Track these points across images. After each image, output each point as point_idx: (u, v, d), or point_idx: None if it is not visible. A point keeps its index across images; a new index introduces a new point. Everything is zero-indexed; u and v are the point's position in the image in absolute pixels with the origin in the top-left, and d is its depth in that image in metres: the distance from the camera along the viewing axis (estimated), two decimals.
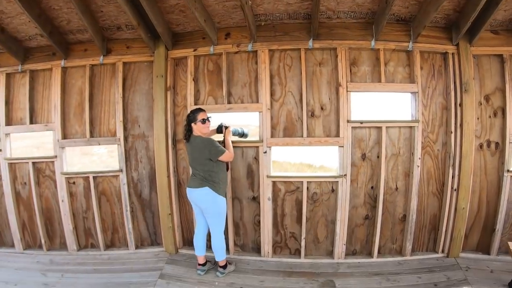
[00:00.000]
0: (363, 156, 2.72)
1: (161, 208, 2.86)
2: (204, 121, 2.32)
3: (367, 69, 2.74)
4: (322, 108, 2.70)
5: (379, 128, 2.67)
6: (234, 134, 2.53)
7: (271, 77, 2.68)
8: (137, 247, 3.06)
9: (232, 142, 2.57)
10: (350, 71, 2.69)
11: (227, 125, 2.51)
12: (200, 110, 2.36)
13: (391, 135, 2.71)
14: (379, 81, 2.68)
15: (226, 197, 2.46)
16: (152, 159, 2.90)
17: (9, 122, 3.09)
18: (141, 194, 3.01)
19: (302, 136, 2.64)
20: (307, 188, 2.70)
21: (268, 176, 2.66)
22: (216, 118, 2.60)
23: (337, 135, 2.66)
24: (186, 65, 2.78)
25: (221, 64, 2.73)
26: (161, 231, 2.95)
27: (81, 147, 3.01)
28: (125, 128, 2.89)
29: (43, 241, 3.10)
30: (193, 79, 2.74)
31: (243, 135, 2.60)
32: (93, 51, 2.89)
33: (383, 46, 2.64)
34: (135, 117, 2.93)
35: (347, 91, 2.65)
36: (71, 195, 3.04)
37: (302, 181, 2.68)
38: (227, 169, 2.49)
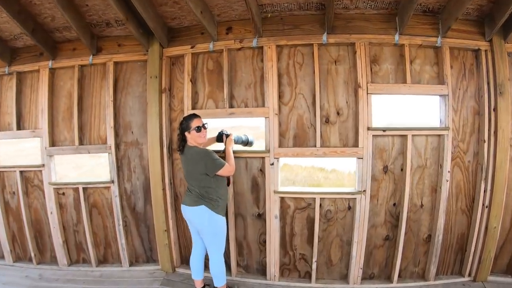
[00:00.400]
0: (385, 169, 2.35)
1: (156, 224, 2.57)
2: (199, 129, 2.01)
3: (390, 68, 2.36)
4: (338, 113, 2.33)
5: (404, 136, 2.30)
6: (237, 142, 2.22)
7: (279, 76, 2.33)
8: (131, 264, 2.79)
9: (235, 152, 2.25)
10: (371, 69, 2.31)
11: (228, 132, 2.20)
12: (195, 116, 2.05)
13: (417, 144, 2.33)
14: (404, 81, 2.31)
15: (226, 215, 2.14)
16: (146, 169, 2.61)
17: None
18: (135, 207, 2.73)
19: (315, 146, 2.28)
20: (320, 205, 2.35)
21: (275, 192, 2.32)
22: (216, 125, 2.29)
23: (356, 144, 2.29)
24: (183, 64, 2.47)
25: (222, 63, 2.40)
26: (157, 247, 2.67)
27: (75, 155, 2.74)
28: (116, 135, 2.61)
29: (32, 255, 2.89)
30: (191, 80, 2.43)
31: (247, 143, 2.28)
32: (82, 51, 2.62)
33: (408, 41, 2.27)
34: (128, 122, 2.64)
35: (367, 93, 2.28)
36: (61, 206, 2.81)
37: (315, 198, 2.33)
38: (228, 184, 2.17)
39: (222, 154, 2.13)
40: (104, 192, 2.70)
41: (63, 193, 2.78)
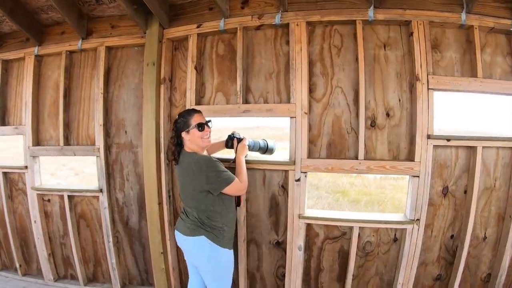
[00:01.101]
0: (445, 191, 1.77)
1: (151, 245, 2.11)
2: (201, 126, 1.49)
3: (455, 57, 1.76)
4: (388, 115, 1.74)
5: (471, 148, 1.72)
6: (252, 149, 1.69)
7: (310, 64, 1.77)
8: (124, 286, 2.37)
9: (249, 162, 1.74)
10: (432, 58, 1.71)
11: (241, 136, 1.68)
12: (195, 111, 1.55)
13: (485, 160, 1.74)
14: (474, 75, 1.71)
15: (234, 247, 1.63)
16: (141, 177, 2.15)
17: None
18: (128, 222, 2.29)
19: (356, 158, 1.70)
20: (359, 234, 1.78)
21: (301, 216, 1.77)
22: (225, 125, 1.80)
23: (410, 157, 1.70)
24: (187, 48, 1.96)
25: (235, 46, 1.88)
26: (153, 270, 2.22)
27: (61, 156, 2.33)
28: (107, 135, 2.17)
29: (17, 265, 2.55)
30: (195, 68, 1.91)
31: (266, 150, 1.75)
32: (71, 34, 2.21)
33: (478, 22, 1.69)
34: (121, 120, 2.19)
35: (428, 88, 1.69)
36: (46, 215, 2.43)
37: (352, 226, 1.76)
38: (238, 205, 1.65)
39: (232, 164, 1.61)
40: (93, 202, 2.28)
41: (48, 200, 2.39)
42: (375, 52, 1.76)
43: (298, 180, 1.74)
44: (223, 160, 1.60)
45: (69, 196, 2.25)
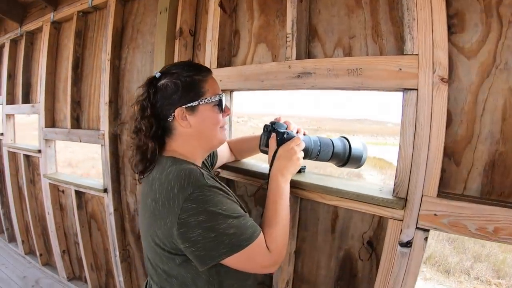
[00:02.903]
0: None
1: None
2: (220, 104, 0.73)
3: None
4: None
5: None
6: (312, 155, 0.82)
7: None
8: None
9: (299, 187, 0.89)
10: None
11: (292, 130, 0.81)
12: (208, 70, 0.75)
13: None
14: None
15: None
16: None
17: (12, 100, 2.36)
18: (140, 233, 1.75)
19: None
20: None
21: None
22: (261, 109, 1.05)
23: None
24: None
25: None
26: None
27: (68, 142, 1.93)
28: (116, 116, 1.62)
29: (38, 253, 2.38)
30: (220, 4, 1.12)
31: (347, 158, 0.84)
32: None
33: None
34: (134, 96, 1.63)
35: None
36: (61, 207, 2.11)
37: None
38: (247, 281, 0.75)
39: (265, 185, 0.77)
40: (103, 202, 1.81)
41: (63, 191, 2.05)
42: None
43: (408, 244, 0.77)
44: (247, 174, 0.89)
45: (76, 191, 1.83)
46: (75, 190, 1.82)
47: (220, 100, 0.72)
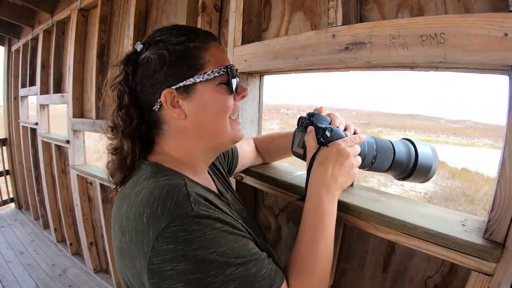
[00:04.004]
0: None
1: None
2: (229, 82, 0.50)
3: None
4: None
5: None
6: (369, 164, 0.60)
7: None
8: None
9: (337, 209, 0.57)
10: None
11: (338, 125, 0.60)
12: (209, 35, 0.52)
13: None
14: None
15: None
16: None
17: (46, 90, 2.43)
18: None
19: None
20: None
21: None
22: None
23: None
24: None
25: None
26: None
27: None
28: None
29: (68, 243, 2.44)
30: None
31: (412, 167, 0.60)
32: None
33: None
34: None
35: None
36: (90, 199, 2.12)
37: None
38: None
39: (298, 201, 0.60)
40: None
41: (91, 183, 2.05)
42: None
43: None
44: (274, 184, 0.71)
45: (101, 185, 1.80)
46: (100, 184, 1.79)
47: (228, 75, 0.50)
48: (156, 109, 0.50)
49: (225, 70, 0.50)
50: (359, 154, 0.57)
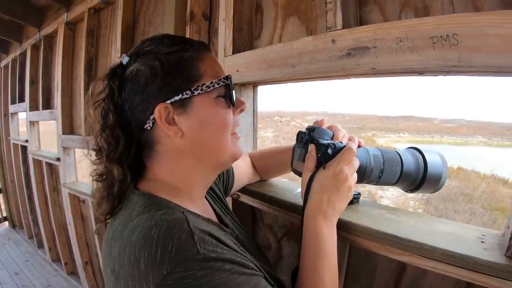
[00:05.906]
0: None
1: None
2: (228, 94, 0.46)
3: None
4: None
5: None
6: (369, 175, 0.53)
7: None
8: None
9: (342, 229, 0.59)
10: None
11: (341, 139, 0.54)
12: (203, 45, 0.46)
13: None
14: None
15: None
16: None
17: (35, 106, 2.36)
18: None
19: None
20: None
21: None
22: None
23: None
24: None
25: None
26: None
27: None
28: None
29: (63, 262, 2.34)
30: None
31: (422, 178, 0.55)
32: None
33: None
34: None
35: None
36: (82, 218, 2.03)
37: None
38: None
39: (297, 226, 0.61)
40: None
41: (83, 201, 1.97)
42: None
43: None
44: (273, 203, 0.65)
45: (93, 203, 1.72)
46: (93, 202, 1.71)
47: (229, 87, 0.46)
48: (148, 128, 0.43)
49: (225, 81, 0.45)
50: (362, 169, 0.51)
